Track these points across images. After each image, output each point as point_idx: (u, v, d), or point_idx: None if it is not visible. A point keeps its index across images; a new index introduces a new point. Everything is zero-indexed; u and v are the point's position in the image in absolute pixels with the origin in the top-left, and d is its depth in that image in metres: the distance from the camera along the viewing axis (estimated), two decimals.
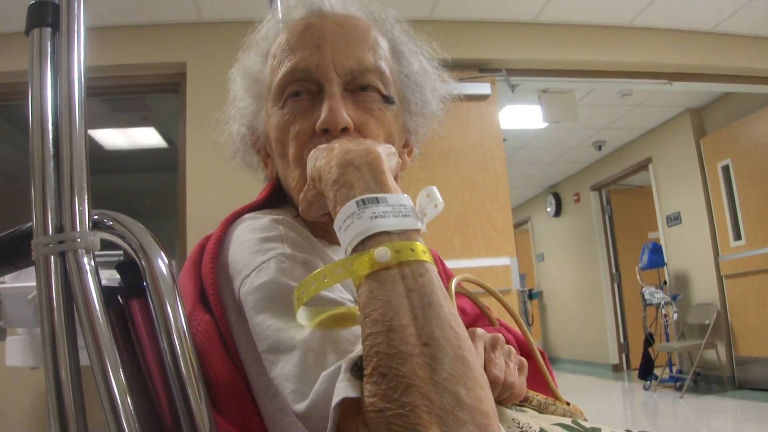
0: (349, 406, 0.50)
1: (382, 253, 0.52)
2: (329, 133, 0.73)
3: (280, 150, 0.80)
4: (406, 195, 0.58)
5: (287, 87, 0.78)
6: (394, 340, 0.48)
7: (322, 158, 0.64)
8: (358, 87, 0.78)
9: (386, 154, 0.64)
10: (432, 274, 0.54)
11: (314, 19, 0.80)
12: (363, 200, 0.56)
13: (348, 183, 0.58)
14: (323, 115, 0.73)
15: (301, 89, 0.77)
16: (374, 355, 0.49)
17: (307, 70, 0.76)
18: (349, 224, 0.55)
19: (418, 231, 0.56)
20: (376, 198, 0.56)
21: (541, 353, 0.91)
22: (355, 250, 0.54)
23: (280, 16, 0.86)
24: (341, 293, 0.66)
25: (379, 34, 0.84)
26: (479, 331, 0.74)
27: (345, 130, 0.74)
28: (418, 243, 0.54)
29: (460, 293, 0.92)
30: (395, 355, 0.48)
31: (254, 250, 0.69)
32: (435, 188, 0.59)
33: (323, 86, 0.76)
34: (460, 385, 0.47)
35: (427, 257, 0.54)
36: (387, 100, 0.81)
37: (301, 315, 0.58)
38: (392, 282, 0.52)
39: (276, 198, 0.88)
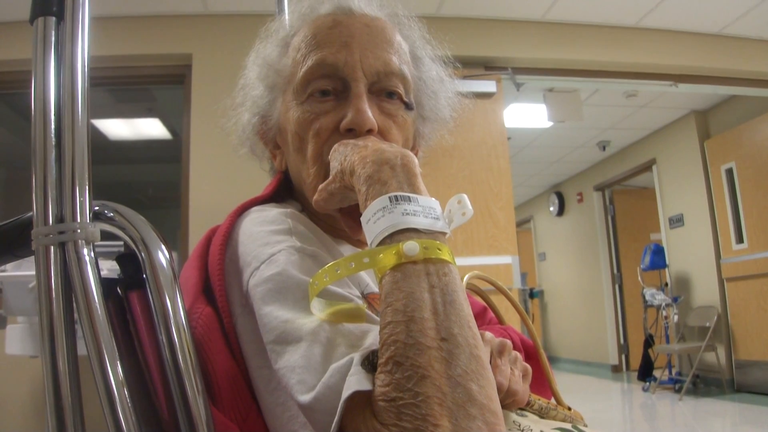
0: (355, 400, 0.50)
1: (411, 246, 0.53)
2: (353, 132, 0.74)
3: (297, 144, 0.80)
4: (435, 199, 0.59)
5: (312, 82, 0.78)
6: (414, 331, 0.49)
7: (354, 153, 0.65)
8: (382, 90, 0.79)
9: (416, 161, 0.65)
10: (455, 276, 0.55)
11: (343, 17, 0.80)
12: (396, 197, 0.57)
13: (382, 180, 0.59)
14: (350, 115, 0.74)
15: (327, 87, 0.77)
16: (392, 344, 0.49)
17: (335, 66, 0.76)
18: (380, 217, 0.56)
19: (444, 235, 0.57)
20: (409, 197, 0.57)
21: None
22: (381, 243, 0.55)
23: (286, 10, 0.86)
24: (350, 289, 0.67)
25: (402, 37, 0.84)
26: (488, 335, 0.75)
27: (368, 132, 0.74)
28: (445, 245, 0.55)
29: (467, 290, 0.93)
30: (413, 346, 0.49)
31: (263, 242, 0.69)
32: (466, 196, 0.60)
33: (350, 85, 0.76)
34: (474, 383, 0.48)
35: (452, 260, 0.55)
36: (408, 106, 0.81)
37: (315, 304, 0.59)
38: (417, 276, 0.52)
39: (281, 192, 0.88)
